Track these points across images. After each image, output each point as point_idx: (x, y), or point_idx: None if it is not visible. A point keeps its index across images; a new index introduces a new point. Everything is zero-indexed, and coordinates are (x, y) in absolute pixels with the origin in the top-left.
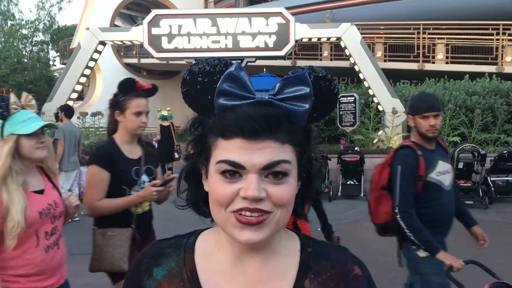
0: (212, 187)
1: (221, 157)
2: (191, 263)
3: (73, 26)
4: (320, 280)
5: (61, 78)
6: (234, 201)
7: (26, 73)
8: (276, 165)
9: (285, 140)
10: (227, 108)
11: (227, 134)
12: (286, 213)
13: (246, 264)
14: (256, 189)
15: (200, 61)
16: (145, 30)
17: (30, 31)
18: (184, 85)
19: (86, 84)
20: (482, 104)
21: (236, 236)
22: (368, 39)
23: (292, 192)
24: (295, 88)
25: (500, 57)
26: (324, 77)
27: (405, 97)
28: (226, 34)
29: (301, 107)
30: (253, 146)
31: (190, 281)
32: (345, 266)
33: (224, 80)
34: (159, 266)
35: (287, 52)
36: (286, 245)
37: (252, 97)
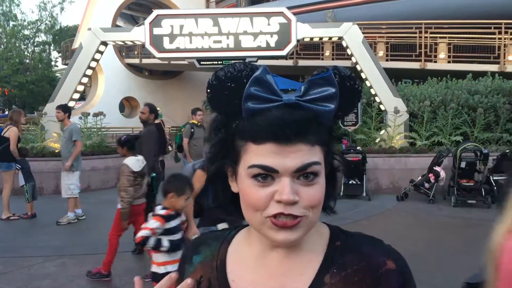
0: (245, 191)
1: (253, 162)
2: (223, 253)
3: (75, 26)
4: (344, 274)
5: (63, 79)
6: (269, 205)
7: (28, 74)
8: (308, 167)
9: (314, 141)
10: (256, 112)
11: (259, 139)
12: (317, 213)
13: (270, 257)
14: (290, 193)
15: (226, 66)
16: (146, 30)
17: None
18: (210, 90)
19: (88, 85)
20: (485, 103)
21: (272, 237)
22: (370, 39)
23: (322, 192)
24: (321, 89)
25: (502, 56)
26: (349, 76)
27: (407, 96)
28: (228, 34)
29: (328, 107)
30: (285, 150)
31: (218, 269)
32: (376, 259)
33: (251, 84)
34: (198, 254)
35: (289, 52)
36: (313, 240)
37: (280, 99)
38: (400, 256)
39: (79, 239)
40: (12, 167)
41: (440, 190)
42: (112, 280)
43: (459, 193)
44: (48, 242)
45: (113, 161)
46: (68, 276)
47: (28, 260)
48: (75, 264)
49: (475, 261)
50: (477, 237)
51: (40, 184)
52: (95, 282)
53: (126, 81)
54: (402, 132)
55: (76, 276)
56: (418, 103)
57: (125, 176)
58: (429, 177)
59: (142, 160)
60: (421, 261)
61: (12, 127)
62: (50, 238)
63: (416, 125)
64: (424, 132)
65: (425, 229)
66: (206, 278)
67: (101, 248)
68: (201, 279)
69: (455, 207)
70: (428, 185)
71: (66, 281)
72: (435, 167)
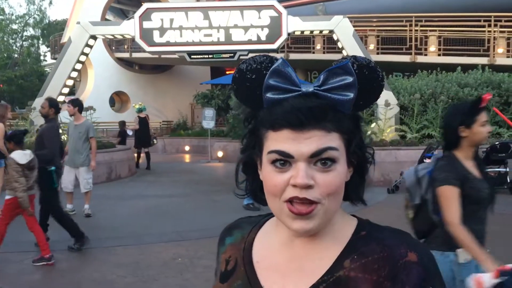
0: (265, 177)
1: (271, 148)
2: (252, 237)
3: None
4: (364, 261)
5: (52, 73)
6: (286, 190)
7: (17, 69)
8: (323, 152)
9: (331, 128)
10: (275, 102)
11: (276, 126)
12: (335, 201)
13: (295, 243)
14: (305, 177)
15: (248, 59)
16: (136, 24)
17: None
18: (235, 83)
19: (77, 79)
20: (474, 95)
21: (289, 225)
22: (361, 32)
23: (340, 180)
24: (339, 78)
25: (492, 49)
26: (368, 65)
27: (397, 89)
28: (218, 27)
29: (346, 96)
30: (300, 136)
31: (245, 250)
32: (398, 250)
33: (270, 75)
34: (230, 236)
35: (280, 45)
36: (338, 228)
37: (298, 90)
38: (426, 251)
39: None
40: (1, 164)
41: None
42: (104, 275)
43: None
44: None
45: (103, 156)
46: (58, 271)
47: (20, 255)
48: (66, 259)
49: None
50: None
51: None
52: (89, 276)
53: (116, 75)
54: (393, 125)
55: (67, 270)
56: (409, 96)
57: (13, 168)
58: None
59: (29, 154)
60: None
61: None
62: None
63: (406, 118)
64: (415, 125)
65: None
66: (233, 258)
67: (92, 242)
68: (230, 258)
69: None
70: None
71: (57, 275)
72: (425, 160)
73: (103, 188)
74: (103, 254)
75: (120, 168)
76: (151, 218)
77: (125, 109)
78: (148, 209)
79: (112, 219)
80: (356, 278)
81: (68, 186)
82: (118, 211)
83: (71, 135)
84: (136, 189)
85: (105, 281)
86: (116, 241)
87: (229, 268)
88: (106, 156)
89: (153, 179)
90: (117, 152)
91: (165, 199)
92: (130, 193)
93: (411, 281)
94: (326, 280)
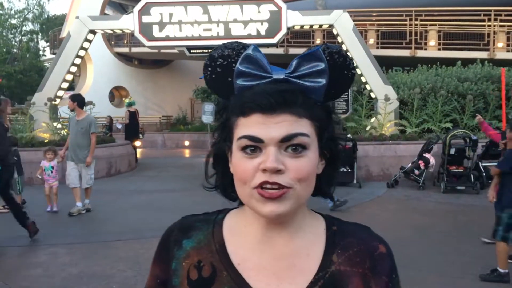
0: (235, 164)
1: (241, 133)
2: (219, 236)
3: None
4: (347, 255)
5: (51, 68)
6: (255, 176)
7: (16, 64)
8: (293, 137)
9: (302, 114)
10: (246, 88)
11: (246, 110)
12: (306, 188)
13: (273, 239)
14: (275, 161)
15: (219, 46)
16: (135, 18)
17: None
18: (206, 70)
19: (77, 74)
20: (474, 90)
21: (259, 209)
22: (361, 26)
23: (311, 166)
24: (311, 65)
25: (492, 43)
26: (339, 52)
27: (397, 84)
28: (218, 22)
29: (318, 83)
30: (270, 120)
31: (219, 252)
32: (371, 243)
33: (241, 61)
34: (188, 238)
35: (279, 40)
36: (312, 223)
37: (269, 76)
38: (386, 242)
39: (70, 229)
40: None
41: (430, 176)
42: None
43: (449, 179)
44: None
45: (103, 151)
46: (59, 265)
47: (20, 250)
48: (66, 253)
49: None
50: (466, 222)
51: (30, 174)
52: (88, 270)
53: (115, 70)
54: (393, 119)
55: (67, 264)
56: (408, 91)
57: None
58: (419, 164)
59: None
60: (409, 246)
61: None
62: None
63: (406, 112)
64: (414, 119)
65: (414, 215)
66: (207, 263)
67: (92, 237)
68: (201, 264)
69: (444, 193)
70: (418, 171)
71: (57, 270)
72: (424, 154)
73: (103, 183)
74: (103, 248)
75: (120, 163)
76: (151, 212)
77: (124, 104)
78: (148, 203)
79: (112, 213)
80: (346, 271)
81: (74, 181)
82: (118, 205)
83: (72, 130)
84: (136, 184)
85: (105, 275)
86: (116, 235)
87: (206, 275)
88: (106, 151)
89: (153, 174)
90: (117, 147)
91: (165, 193)
92: (130, 188)
93: (385, 271)
94: (322, 277)
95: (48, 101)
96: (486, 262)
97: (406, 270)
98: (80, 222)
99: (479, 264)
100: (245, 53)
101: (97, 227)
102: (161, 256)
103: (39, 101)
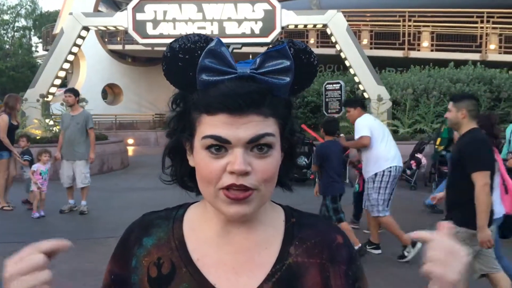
0: (199, 164)
1: (207, 133)
2: (179, 233)
3: (56, 11)
4: (305, 246)
5: (44, 64)
6: (222, 177)
7: (8, 60)
8: (261, 138)
9: (268, 114)
10: (210, 84)
11: (212, 110)
12: (270, 187)
13: (233, 234)
14: (243, 163)
15: (180, 37)
16: (129, 15)
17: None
18: (165, 62)
19: (69, 71)
20: (466, 91)
21: (224, 210)
22: (354, 27)
23: (276, 165)
24: (276, 62)
25: (484, 45)
26: (305, 49)
27: (390, 84)
28: (212, 20)
29: (283, 80)
30: (237, 121)
31: (178, 249)
32: (329, 235)
33: (205, 56)
34: (149, 236)
35: (274, 39)
36: (271, 216)
37: (234, 72)
38: (344, 233)
39: (62, 226)
40: (3, 156)
41: (422, 176)
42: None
43: (440, 179)
44: (30, 229)
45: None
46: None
47: (10, 246)
48: None
49: None
50: None
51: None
52: (80, 266)
53: (108, 67)
54: (385, 119)
55: (59, 261)
56: (401, 91)
57: None
58: (411, 164)
59: None
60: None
61: (2, 115)
62: (32, 225)
63: (399, 112)
64: (407, 119)
65: (406, 214)
66: (166, 259)
67: (84, 234)
68: (161, 261)
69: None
70: (410, 172)
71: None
72: (417, 154)
73: (95, 181)
74: (95, 245)
75: (112, 160)
76: (144, 210)
77: (118, 101)
78: (141, 201)
79: (105, 211)
80: (303, 263)
81: (67, 181)
82: (110, 203)
83: (67, 127)
84: (128, 181)
85: (96, 272)
86: (108, 232)
87: (166, 272)
88: (98, 148)
89: (146, 172)
90: (109, 144)
91: (158, 191)
92: (122, 185)
93: (344, 261)
94: (279, 269)
95: (40, 98)
96: None
97: (399, 268)
98: (72, 219)
99: None
100: (210, 47)
101: (89, 224)
102: (120, 254)
103: (32, 98)
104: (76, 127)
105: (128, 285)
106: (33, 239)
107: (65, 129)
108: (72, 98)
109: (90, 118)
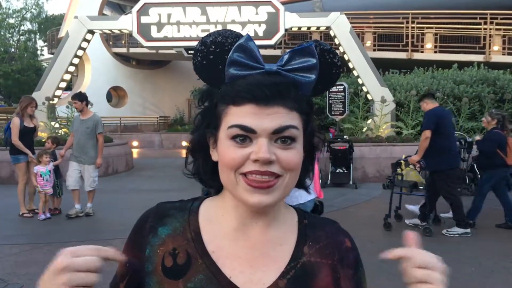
0: (223, 152)
1: (233, 122)
2: (195, 224)
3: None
4: (318, 247)
5: (50, 67)
6: (245, 164)
7: (14, 63)
8: (285, 129)
9: (292, 107)
10: (238, 77)
11: (239, 100)
12: (294, 177)
13: (249, 229)
14: (267, 151)
15: (213, 32)
16: (134, 18)
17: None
18: (197, 55)
19: (74, 74)
20: (470, 92)
21: (246, 199)
22: (358, 29)
23: (299, 157)
24: (302, 60)
25: (487, 46)
26: (330, 50)
27: (393, 86)
28: (216, 23)
29: (308, 78)
30: (263, 111)
31: (194, 240)
32: (338, 237)
33: (235, 50)
34: (164, 225)
35: (277, 41)
36: (285, 215)
37: (262, 67)
38: (351, 237)
39: (68, 227)
40: (20, 159)
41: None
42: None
43: None
44: (33, 230)
45: None
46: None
47: (17, 248)
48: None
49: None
50: None
51: None
52: None
53: (113, 70)
54: (389, 121)
55: None
56: (405, 93)
57: None
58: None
59: None
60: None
61: (14, 118)
62: (35, 227)
63: (402, 114)
64: (410, 121)
65: (409, 216)
66: (182, 250)
67: (90, 235)
68: (176, 251)
69: None
70: None
71: None
72: None
73: (101, 183)
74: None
75: (117, 162)
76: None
77: (122, 104)
78: (145, 203)
79: (110, 212)
80: (316, 262)
81: (74, 183)
82: (115, 205)
83: (76, 130)
84: (133, 183)
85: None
86: (113, 233)
87: (181, 262)
88: (103, 150)
89: (150, 174)
90: (114, 146)
91: (162, 193)
92: (127, 187)
93: (351, 263)
94: (294, 267)
95: (46, 101)
96: (480, 262)
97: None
98: (78, 221)
99: (475, 263)
100: (240, 42)
101: (95, 226)
102: (135, 242)
103: (37, 101)
104: (86, 131)
105: (142, 273)
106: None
107: (75, 132)
108: (79, 104)
109: (100, 123)
